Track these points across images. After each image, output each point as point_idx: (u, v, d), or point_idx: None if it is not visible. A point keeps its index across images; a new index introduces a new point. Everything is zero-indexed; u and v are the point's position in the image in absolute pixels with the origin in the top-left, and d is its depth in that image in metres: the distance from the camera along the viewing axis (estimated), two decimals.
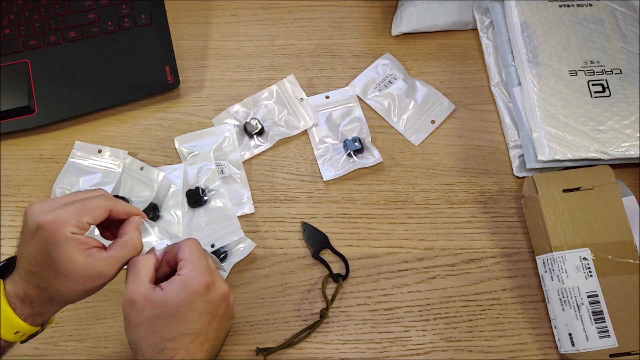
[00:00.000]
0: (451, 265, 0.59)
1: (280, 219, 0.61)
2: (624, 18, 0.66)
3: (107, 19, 0.66)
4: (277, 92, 0.66)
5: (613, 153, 0.59)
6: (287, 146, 0.65)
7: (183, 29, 0.70)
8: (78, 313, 0.57)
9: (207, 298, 0.43)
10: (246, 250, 0.58)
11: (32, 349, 0.55)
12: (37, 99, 0.63)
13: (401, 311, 0.57)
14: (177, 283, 0.42)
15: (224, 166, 0.62)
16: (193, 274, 0.42)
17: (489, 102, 0.67)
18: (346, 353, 0.56)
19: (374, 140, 0.64)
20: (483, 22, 0.69)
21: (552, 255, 0.55)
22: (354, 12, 0.72)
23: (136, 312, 0.41)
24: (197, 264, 0.43)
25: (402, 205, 0.62)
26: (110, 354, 0.55)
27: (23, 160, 0.63)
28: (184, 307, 0.41)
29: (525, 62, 0.63)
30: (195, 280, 0.42)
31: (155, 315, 0.41)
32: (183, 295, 0.41)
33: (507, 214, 0.62)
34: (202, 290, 0.42)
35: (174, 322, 0.41)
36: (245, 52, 0.69)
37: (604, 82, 0.63)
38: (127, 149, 0.63)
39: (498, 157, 0.64)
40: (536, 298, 0.58)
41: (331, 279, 0.58)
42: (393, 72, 0.67)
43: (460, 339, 0.56)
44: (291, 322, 0.57)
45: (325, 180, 0.63)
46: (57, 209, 0.41)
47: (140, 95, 0.65)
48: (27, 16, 0.66)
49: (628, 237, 0.55)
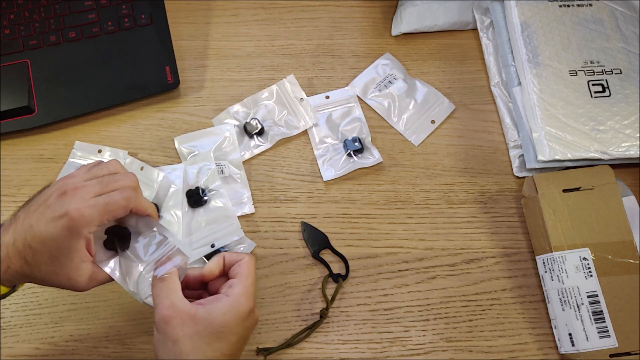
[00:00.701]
0: (451, 265, 0.59)
1: (280, 219, 0.61)
2: (624, 18, 0.66)
3: (107, 19, 0.66)
4: (277, 92, 0.66)
5: (613, 153, 0.59)
6: (287, 146, 0.65)
7: (183, 29, 0.70)
8: (78, 313, 0.57)
9: (247, 324, 0.43)
10: (246, 250, 0.58)
11: (32, 349, 0.55)
12: (37, 99, 0.63)
13: (401, 311, 0.57)
14: (225, 303, 0.42)
15: (224, 166, 0.62)
16: (243, 298, 0.43)
17: (489, 102, 0.67)
18: (346, 353, 0.56)
19: (374, 140, 0.65)
20: (483, 22, 0.69)
21: (552, 255, 0.55)
22: (354, 12, 0.72)
23: (174, 327, 0.40)
24: (249, 288, 0.44)
25: (402, 205, 0.62)
26: (110, 354, 0.55)
27: (23, 160, 0.63)
28: (227, 328, 0.41)
29: (526, 62, 0.63)
30: (244, 305, 0.43)
31: (198, 332, 0.41)
32: (229, 317, 0.42)
33: (507, 214, 0.62)
34: (246, 316, 0.43)
35: (216, 341, 0.41)
36: (245, 52, 0.69)
37: (604, 82, 0.63)
38: (127, 149, 0.63)
39: (498, 157, 0.64)
40: (536, 298, 0.58)
41: (331, 279, 0.58)
42: (393, 72, 0.67)
43: (460, 339, 0.56)
44: (291, 322, 0.57)
45: (325, 180, 0.63)
46: (86, 202, 0.41)
47: (140, 95, 0.65)
48: (27, 16, 0.66)
49: (628, 237, 0.55)
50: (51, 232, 0.41)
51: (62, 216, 0.41)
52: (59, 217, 0.41)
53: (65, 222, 0.40)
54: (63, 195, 0.42)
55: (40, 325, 0.56)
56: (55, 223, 0.41)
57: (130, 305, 0.57)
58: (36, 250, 0.41)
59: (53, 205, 0.42)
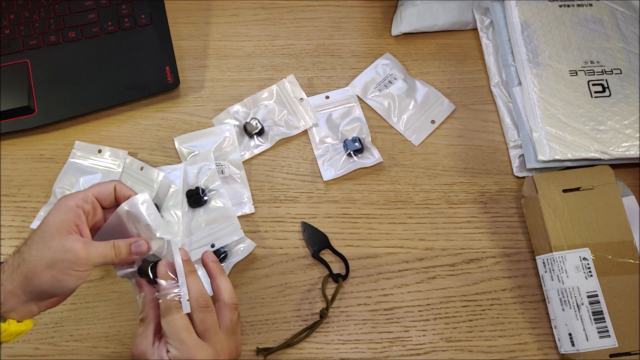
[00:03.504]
0: (451, 265, 0.59)
1: (280, 219, 0.61)
2: (624, 18, 0.66)
3: (107, 19, 0.66)
4: (277, 92, 0.66)
5: (613, 153, 0.59)
6: (287, 146, 0.65)
7: (183, 29, 0.70)
8: (78, 313, 0.57)
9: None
10: (246, 250, 0.58)
11: (32, 349, 0.55)
12: (37, 99, 0.63)
13: (401, 311, 0.57)
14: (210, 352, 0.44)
15: (224, 166, 0.62)
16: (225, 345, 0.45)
17: (489, 102, 0.67)
18: (346, 353, 0.56)
19: (374, 140, 0.64)
20: (483, 22, 0.69)
21: (552, 255, 0.55)
22: (354, 12, 0.72)
23: None
24: (187, 350, 0.43)
25: (402, 205, 0.62)
26: (110, 354, 0.55)
27: (23, 160, 0.63)
28: None
29: (526, 62, 0.63)
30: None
31: None
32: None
33: (507, 214, 0.62)
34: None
35: None
36: (245, 52, 0.69)
37: (604, 82, 0.63)
38: (127, 149, 0.63)
39: (498, 157, 0.64)
40: (536, 298, 0.58)
41: (331, 279, 0.58)
42: (393, 72, 0.67)
43: (460, 339, 0.56)
44: (291, 322, 0.57)
45: (325, 180, 0.63)
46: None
47: (140, 95, 0.65)
48: (27, 16, 0.66)
49: (628, 237, 0.55)
50: (42, 222, 0.43)
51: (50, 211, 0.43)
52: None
53: (53, 207, 0.43)
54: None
55: (40, 325, 0.56)
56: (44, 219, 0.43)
57: (130, 305, 0.57)
58: (27, 244, 0.42)
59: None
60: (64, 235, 0.42)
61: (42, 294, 0.42)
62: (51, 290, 0.42)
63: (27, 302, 0.42)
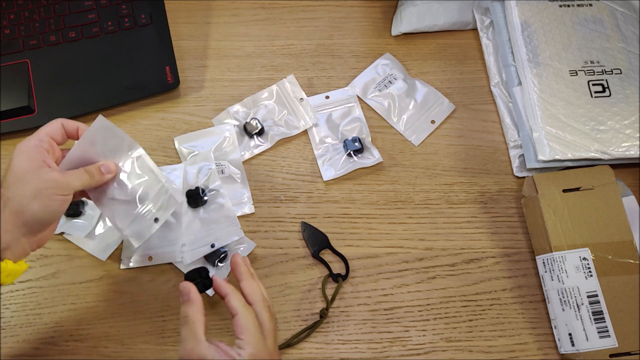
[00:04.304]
0: (451, 265, 0.59)
1: (280, 219, 0.61)
2: (624, 18, 0.66)
3: (107, 19, 0.66)
4: (277, 92, 0.66)
5: (613, 153, 0.59)
6: (287, 146, 0.65)
7: (183, 29, 0.70)
8: (78, 313, 0.57)
9: None
10: (246, 250, 0.58)
11: (32, 349, 0.55)
12: (37, 99, 0.63)
13: (401, 311, 0.57)
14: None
15: (224, 166, 0.62)
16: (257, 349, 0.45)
17: (489, 102, 0.67)
18: (346, 353, 0.56)
19: (374, 140, 0.65)
20: (483, 22, 0.69)
21: (552, 255, 0.55)
22: (354, 12, 0.72)
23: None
24: (259, 344, 0.45)
25: (402, 205, 0.62)
26: (110, 354, 0.55)
27: None
28: None
29: (526, 62, 0.63)
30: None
31: None
32: None
33: (507, 214, 0.62)
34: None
35: None
36: (245, 52, 0.69)
37: (604, 82, 0.63)
38: None
39: (498, 157, 0.64)
40: (536, 298, 0.58)
41: (331, 279, 0.58)
42: (393, 72, 0.67)
43: (460, 339, 0.56)
44: (291, 322, 0.57)
45: (325, 180, 0.63)
46: None
47: (140, 95, 0.65)
48: (27, 16, 0.66)
49: (628, 237, 0.55)
50: (10, 167, 0.45)
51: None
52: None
53: (15, 153, 0.45)
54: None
55: (40, 325, 0.56)
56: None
57: (130, 305, 0.57)
58: (5, 188, 0.44)
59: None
60: (36, 170, 0.44)
61: (35, 224, 0.44)
62: (43, 217, 0.44)
63: (20, 238, 0.44)
